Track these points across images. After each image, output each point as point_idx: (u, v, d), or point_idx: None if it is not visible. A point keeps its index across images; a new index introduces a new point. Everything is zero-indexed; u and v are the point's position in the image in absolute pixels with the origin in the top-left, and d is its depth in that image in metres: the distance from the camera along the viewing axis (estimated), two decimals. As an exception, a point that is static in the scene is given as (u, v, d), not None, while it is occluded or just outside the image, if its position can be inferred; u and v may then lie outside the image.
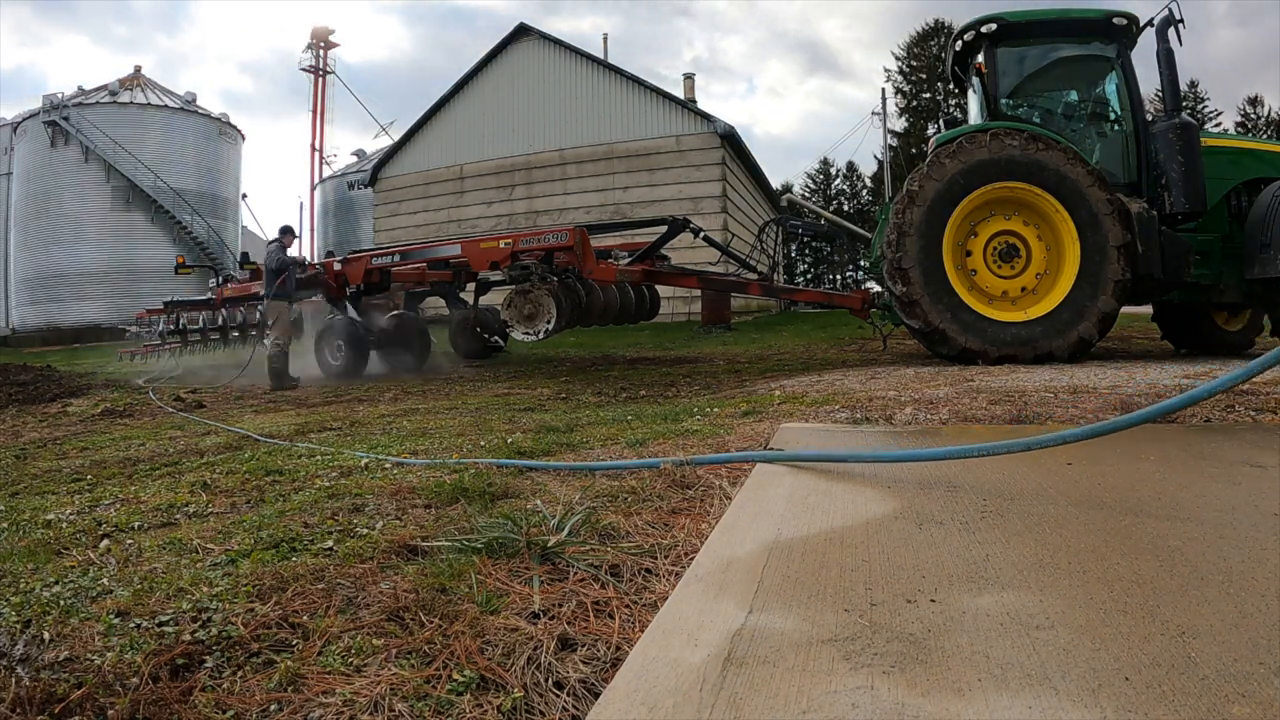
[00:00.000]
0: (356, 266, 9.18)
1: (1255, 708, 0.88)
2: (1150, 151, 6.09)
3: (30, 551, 2.02)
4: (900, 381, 4.79)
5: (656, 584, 1.51)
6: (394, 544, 1.80)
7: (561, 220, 17.71)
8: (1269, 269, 5.43)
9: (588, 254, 7.52)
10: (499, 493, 2.30)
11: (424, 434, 3.83)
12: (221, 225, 28.16)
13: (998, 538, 1.54)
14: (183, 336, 11.15)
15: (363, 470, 2.82)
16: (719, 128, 18.36)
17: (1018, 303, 5.93)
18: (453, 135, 20.99)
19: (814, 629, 1.15)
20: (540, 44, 20.28)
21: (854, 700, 0.94)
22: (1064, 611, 1.17)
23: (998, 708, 0.91)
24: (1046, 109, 6.78)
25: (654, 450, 2.84)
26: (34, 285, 26.38)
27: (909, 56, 41.87)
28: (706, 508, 1.99)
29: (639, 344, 13.28)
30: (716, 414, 3.82)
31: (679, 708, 0.96)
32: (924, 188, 5.90)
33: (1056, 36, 6.46)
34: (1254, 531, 1.52)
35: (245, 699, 1.16)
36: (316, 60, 36.14)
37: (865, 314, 7.71)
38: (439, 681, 1.17)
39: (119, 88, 27.28)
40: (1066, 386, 4.05)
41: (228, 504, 2.46)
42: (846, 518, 1.73)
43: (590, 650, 1.25)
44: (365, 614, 1.43)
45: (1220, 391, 1.80)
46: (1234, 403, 3.26)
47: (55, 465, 3.65)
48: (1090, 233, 5.63)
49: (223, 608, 1.47)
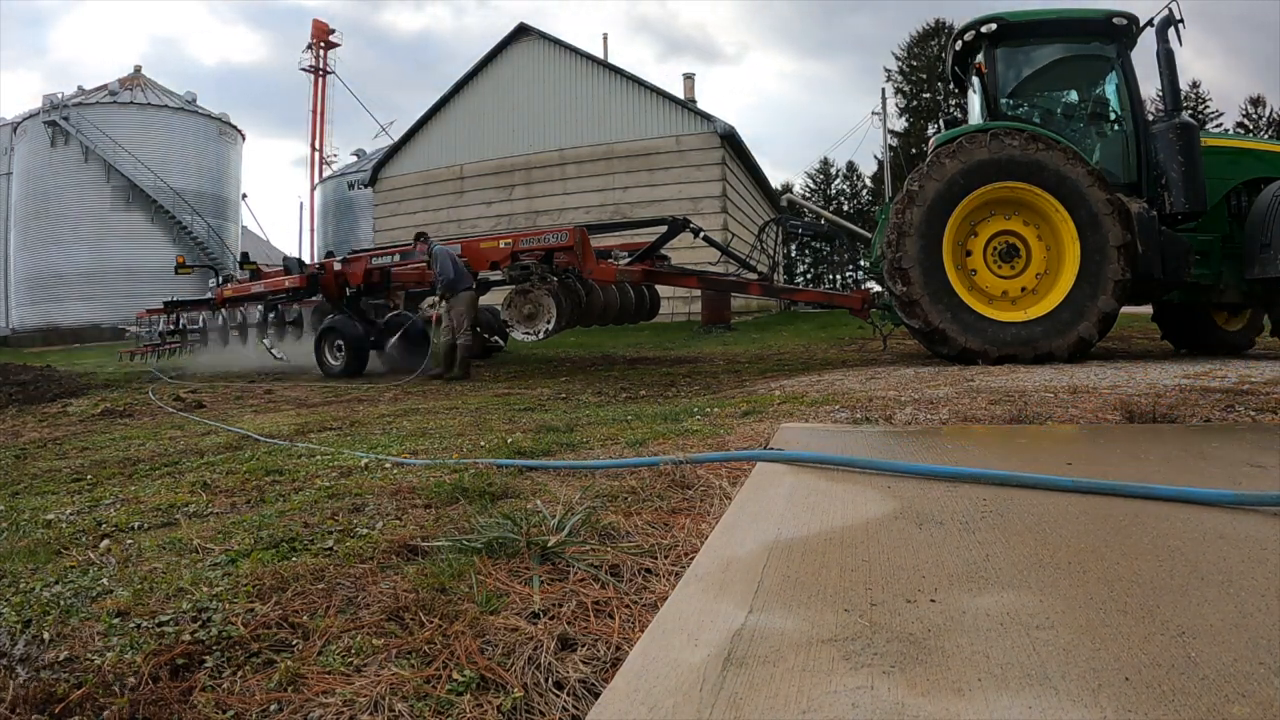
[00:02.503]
0: (356, 267, 9.19)
1: (1255, 708, 0.88)
2: (1150, 151, 6.09)
3: (30, 551, 2.01)
4: (900, 381, 4.79)
5: (656, 584, 1.51)
6: (394, 544, 1.80)
7: (561, 220, 17.70)
8: (1269, 269, 5.43)
9: (588, 254, 7.52)
10: (499, 493, 2.30)
11: (424, 434, 3.83)
12: (222, 225, 28.17)
13: (998, 538, 1.54)
14: (183, 336, 11.14)
15: (363, 470, 2.82)
16: (719, 127, 18.36)
17: (1018, 303, 5.93)
18: (452, 135, 21.00)
19: (814, 629, 1.15)
20: (540, 44, 20.28)
21: (854, 700, 0.94)
22: (1064, 611, 1.17)
23: (998, 708, 0.91)
24: (1046, 109, 6.79)
25: (654, 450, 2.84)
26: (34, 285, 26.39)
27: (909, 56, 41.87)
28: (706, 508, 1.99)
29: (639, 344, 13.29)
30: (716, 414, 3.82)
31: (679, 708, 0.96)
32: (924, 188, 5.90)
33: (1057, 36, 6.46)
34: (1254, 531, 1.52)
35: (245, 699, 1.16)
36: (316, 60, 36.12)
37: (865, 314, 7.71)
38: (439, 681, 1.17)
39: (119, 88, 27.29)
40: (1066, 386, 4.05)
41: (228, 504, 2.46)
42: (846, 518, 1.73)
43: (590, 650, 1.25)
44: (365, 614, 1.43)
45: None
46: (1234, 403, 3.26)
47: (55, 465, 3.65)
48: (1090, 233, 5.63)
49: (223, 608, 1.47)
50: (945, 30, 39.03)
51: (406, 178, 21.57)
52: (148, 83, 28.24)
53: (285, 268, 10.88)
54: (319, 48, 36.18)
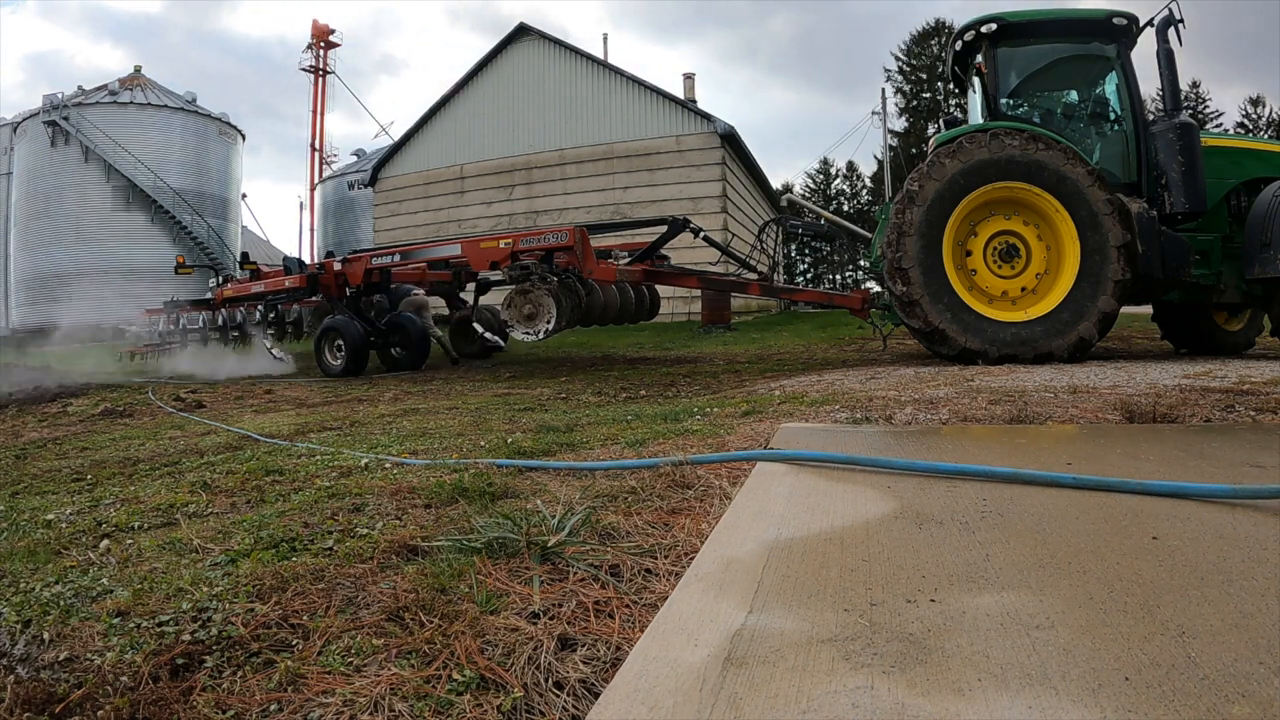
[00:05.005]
0: (356, 266, 9.19)
1: (1255, 708, 0.88)
2: (1150, 151, 6.09)
3: (30, 551, 2.01)
4: (900, 381, 4.79)
5: (656, 584, 1.51)
6: (394, 544, 1.80)
7: (561, 220, 17.72)
8: (1269, 269, 5.43)
9: (588, 254, 7.52)
10: (499, 493, 2.30)
11: (424, 434, 3.83)
12: (222, 225, 28.17)
13: (998, 538, 1.54)
14: (182, 336, 11.15)
15: (363, 470, 2.81)
16: (719, 127, 18.37)
17: (1018, 303, 5.93)
18: (453, 135, 21.00)
19: (814, 629, 1.15)
20: (540, 44, 20.29)
21: (854, 700, 0.94)
22: (1064, 611, 1.17)
23: (998, 708, 0.91)
24: (1047, 109, 6.79)
25: (654, 450, 2.84)
26: (34, 285, 26.39)
27: (909, 56, 41.88)
28: (706, 508, 1.99)
29: (639, 344, 13.29)
30: (716, 414, 3.82)
31: (679, 708, 0.96)
32: (924, 188, 5.90)
33: (1057, 36, 6.46)
34: (1254, 531, 1.52)
35: (245, 699, 1.16)
36: (316, 60, 36.12)
37: (865, 314, 7.71)
38: (439, 681, 1.17)
39: (119, 88, 27.28)
40: (1066, 386, 4.05)
41: (228, 504, 2.46)
42: (846, 517, 1.73)
43: (590, 650, 1.25)
44: (365, 614, 1.43)
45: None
46: (1234, 403, 3.26)
47: (55, 465, 3.65)
48: (1090, 232, 5.63)
49: (223, 608, 1.47)
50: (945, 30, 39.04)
51: (407, 178, 21.58)
52: (148, 83, 28.24)
53: (285, 268, 10.89)
54: (319, 48, 36.18)
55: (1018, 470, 1.99)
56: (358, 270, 9.14)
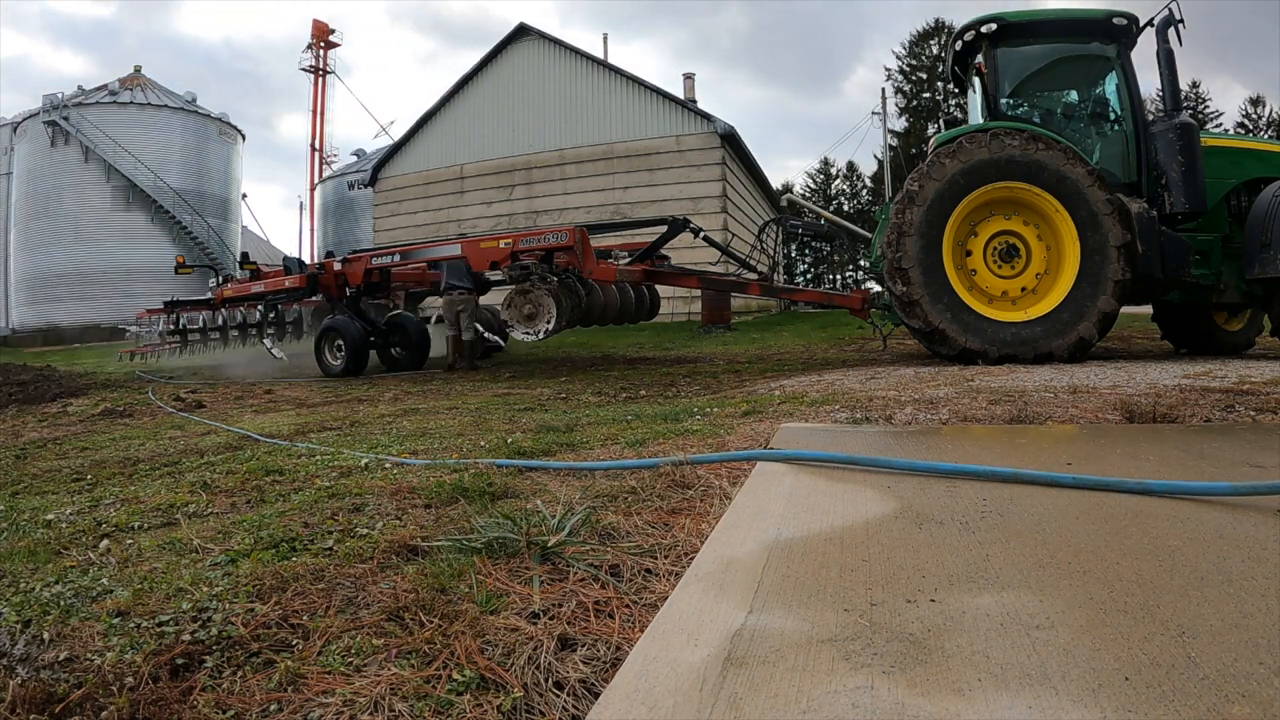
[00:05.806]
0: (356, 266, 9.19)
1: (1255, 708, 0.88)
2: (1150, 151, 6.09)
3: (30, 551, 2.01)
4: (900, 381, 4.79)
5: (656, 584, 1.51)
6: (394, 544, 1.80)
7: (561, 220, 17.72)
8: (1269, 269, 5.44)
9: (588, 254, 7.53)
10: (499, 493, 2.30)
11: (424, 434, 3.83)
12: (222, 225, 28.18)
13: (998, 538, 1.54)
14: (183, 336, 11.15)
15: (363, 470, 2.81)
16: (719, 127, 18.37)
17: (1018, 303, 5.93)
18: (453, 135, 21.00)
19: (814, 629, 1.15)
20: (540, 44, 20.29)
21: (854, 700, 0.94)
22: (1064, 611, 1.17)
23: (998, 708, 0.91)
24: (1047, 109, 6.79)
25: (654, 450, 2.84)
26: (34, 285, 26.40)
27: (909, 56, 41.89)
28: (706, 508, 1.99)
29: (639, 344, 13.29)
30: (716, 414, 3.82)
31: (679, 708, 0.96)
32: (924, 188, 5.90)
33: (1057, 36, 6.46)
34: (1254, 531, 1.52)
35: (245, 699, 1.16)
36: (316, 60, 36.11)
37: (865, 314, 7.71)
38: (439, 681, 1.17)
39: (119, 87, 27.30)
40: (1066, 386, 4.05)
41: (228, 504, 2.46)
42: (846, 517, 1.73)
43: (590, 650, 1.25)
44: (365, 614, 1.43)
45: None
46: (1234, 403, 3.26)
47: (55, 465, 3.65)
48: (1090, 232, 5.63)
49: (223, 608, 1.47)
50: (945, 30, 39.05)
51: (406, 178, 21.58)
52: (148, 83, 28.25)
53: (285, 268, 10.88)
54: (319, 48, 36.18)
55: (1018, 470, 1.99)
56: (357, 270, 9.14)
